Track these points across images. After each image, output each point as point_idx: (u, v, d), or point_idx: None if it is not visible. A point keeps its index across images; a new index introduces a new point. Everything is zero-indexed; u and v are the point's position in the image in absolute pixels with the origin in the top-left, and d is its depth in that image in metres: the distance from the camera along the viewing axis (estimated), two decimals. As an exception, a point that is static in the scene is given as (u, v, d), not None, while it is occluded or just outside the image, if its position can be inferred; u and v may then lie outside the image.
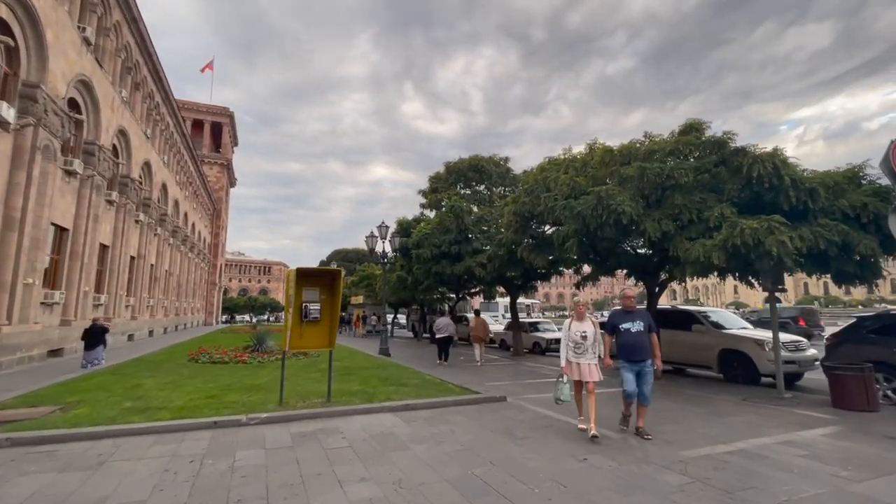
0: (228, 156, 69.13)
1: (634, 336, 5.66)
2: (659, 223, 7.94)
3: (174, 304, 39.69)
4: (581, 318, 6.02)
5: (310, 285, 7.49)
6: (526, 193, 11.23)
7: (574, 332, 5.94)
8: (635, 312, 5.84)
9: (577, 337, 5.90)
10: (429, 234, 14.71)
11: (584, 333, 5.88)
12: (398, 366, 12.41)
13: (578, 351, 5.89)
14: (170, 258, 37.21)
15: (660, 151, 8.40)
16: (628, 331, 5.70)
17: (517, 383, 10.12)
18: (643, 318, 5.79)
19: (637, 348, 5.62)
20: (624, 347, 5.74)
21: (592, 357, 5.89)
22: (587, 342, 5.88)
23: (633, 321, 5.73)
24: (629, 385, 5.67)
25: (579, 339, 5.89)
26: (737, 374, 10.40)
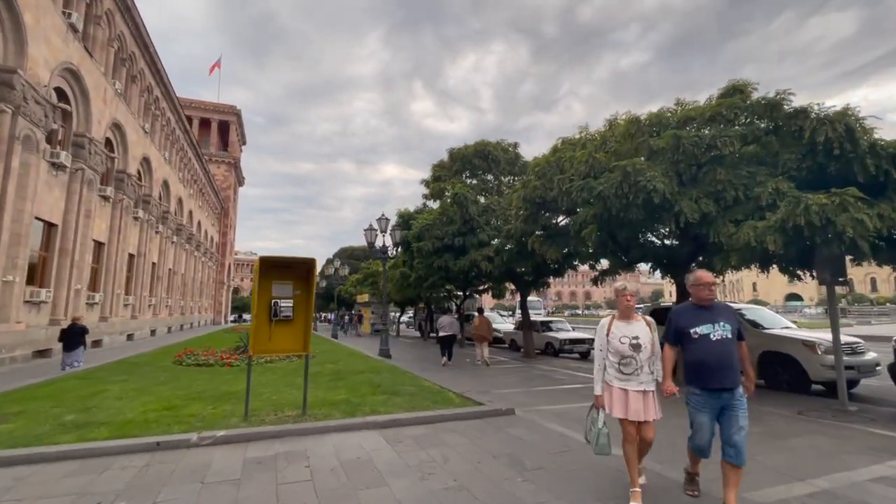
0: (236, 154, 68.81)
1: (717, 347, 3.40)
2: (697, 203, 6.64)
3: (179, 303, 39.14)
4: (628, 317, 3.78)
5: (281, 278, 6.34)
6: (537, 177, 9.97)
7: (619, 339, 3.69)
8: (715, 308, 3.56)
9: (625, 346, 3.65)
10: (430, 226, 13.50)
11: (635, 340, 3.65)
12: (396, 369, 11.24)
13: (627, 370, 3.65)
14: (174, 257, 36.62)
15: (697, 118, 7.08)
16: (706, 338, 3.43)
17: (528, 391, 8.88)
18: (728, 317, 3.53)
19: (722, 368, 3.38)
20: (698, 367, 3.47)
21: (649, 380, 3.68)
22: (641, 355, 3.64)
23: (713, 322, 3.46)
24: (703, 434, 3.51)
25: (628, 351, 3.64)
26: (781, 381, 9.03)
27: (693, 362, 3.54)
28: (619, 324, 3.79)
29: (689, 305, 3.72)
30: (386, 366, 11.97)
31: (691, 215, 6.53)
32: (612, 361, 3.76)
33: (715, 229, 6.55)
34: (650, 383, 3.71)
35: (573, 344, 16.12)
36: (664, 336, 3.74)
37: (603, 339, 3.83)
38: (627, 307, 3.77)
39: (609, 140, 8.47)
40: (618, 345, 3.70)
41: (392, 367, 11.78)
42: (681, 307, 3.81)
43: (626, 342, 3.67)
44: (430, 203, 16.69)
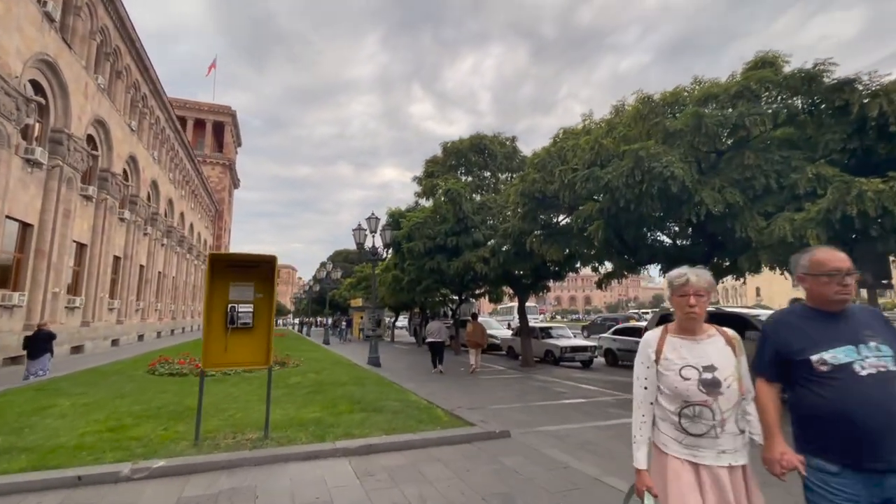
0: (231, 156, 68.02)
1: (870, 388, 1.76)
2: (720, 193, 5.79)
3: (169, 307, 38.18)
4: (693, 330, 2.07)
5: (240, 279, 5.46)
6: (536, 169, 9.13)
7: (679, 371, 1.99)
8: (854, 316, 1.93)
9: (692, 384, 1.94)
10: (421, 224, 12.61)
11: (710, 374, 1.94)
12: (382, 381, 10.33)
13: (696, 428, 1.94)
14: (164, 259, 35.70)
15: (721, 95, 6.24)
16: (847, 372, 1.80)
17: (526, 406, 7.98)
18: (884, 331, 1.90)
19: (885, 428, 1.73)
20: (832, 425, 1.81)
21: (738, 446, 1.95)
22: (722, 399, 1.92)
23: (856, 342, 1.84)
24: None
25: (697, 393, 1.93)
26: (807, 395, 8.16)
27: (819, 416, 1.85)
28: (678, 342, 2.04)
29: (802, 311, 2.03)
30: (372, 376, 11.06)
31: (714, 207, 5.69)
32: (669, 411, 2.00)
33: (741, 223, 5.70)
34: (741, 452, 1.93)
35: (574, 352, 15.22)
36: (754, 365, 2.09)
37: (648, 369, 2.08)
38: (692, 314, 1.99)
39: (616, 127, 7.64)
40: (677, 381, 1.96)
41: (379, 377, 10.87)
42: (784, 314, 2.11)
43: (694, 377, 1.93)
44: (422, 201, 15.83)
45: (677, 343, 2.06)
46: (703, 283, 2.03)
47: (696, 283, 2.03)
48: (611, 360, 16.23)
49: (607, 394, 9.28)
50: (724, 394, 1.91)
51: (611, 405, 8.06)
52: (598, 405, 8.05)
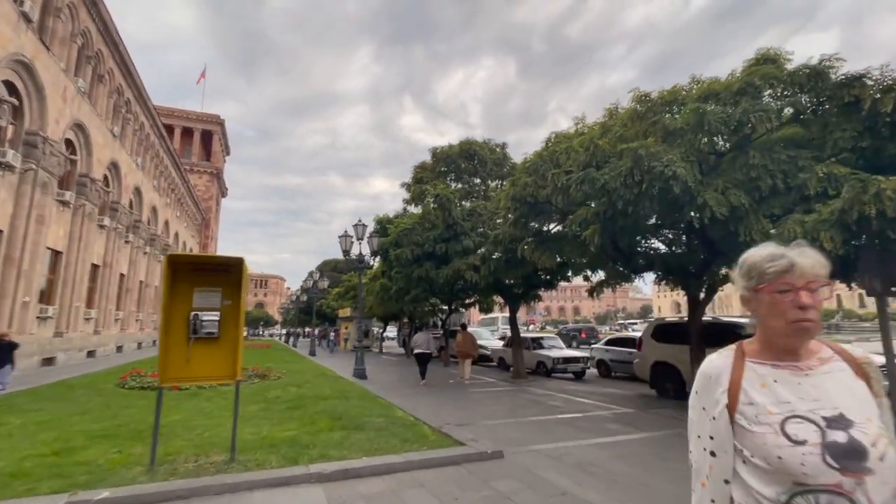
0: (219, 164, 67.27)
1: None
2: (724, 194, 5.47)
3: (151, 317, 37.05)
4: (797, 352, 1.17)
5: (206, 284, 4.96)
6: (528, 173, 8.78)
7: (784, 423, 1.08)
8: None
9: (811, 452, 1.02)
10: (409, 231, 12.16)
11: (842, 434, 1.04)
12: (367, 394, 9.78)
13: None
14: (146, 268, 34.72)
15: (723, 93, 5.94)
16: None
17: (519, 422, 7.50)
18: None
19: None
20: None
21: None
22: (878, 485, 1.00)
23: None
24: None
25: (829, 471, 1.01)
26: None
27: None
28: (770, 373, 1.17)
29: None
30: (357, 389, 10.50)
31: (719, 209, 5.35)
32: (766, 499, 1.07)
33: (746, 226, 5.37)
34: None
35: (567, 363, 14.79)
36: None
37: (714, 421, 1.20)
38: (805, 324, 1.12)
39: (612, 128, 7.33)
40: (779, 444, 1.07)
41: (363, 391, 10.32)
42: None
43: (813, 437, 1.05)
44: (411, 208, 15.40)
45: (769, 375, 1.16)
46: (819, 268, 1.16)
47: (807, 267, 1.14)
48: (604, 371, 15.84)
49: (603, 407, 8.85)
50: (876, 470, 1.01)
51: (609, 420, 7.63)
52: (595, 420, 7.61)
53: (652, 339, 11.19)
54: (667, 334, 10.84)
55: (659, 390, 10.73)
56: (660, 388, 10.71)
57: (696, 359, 8.19)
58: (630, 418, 7.80)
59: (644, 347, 11.40)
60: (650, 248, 9.75)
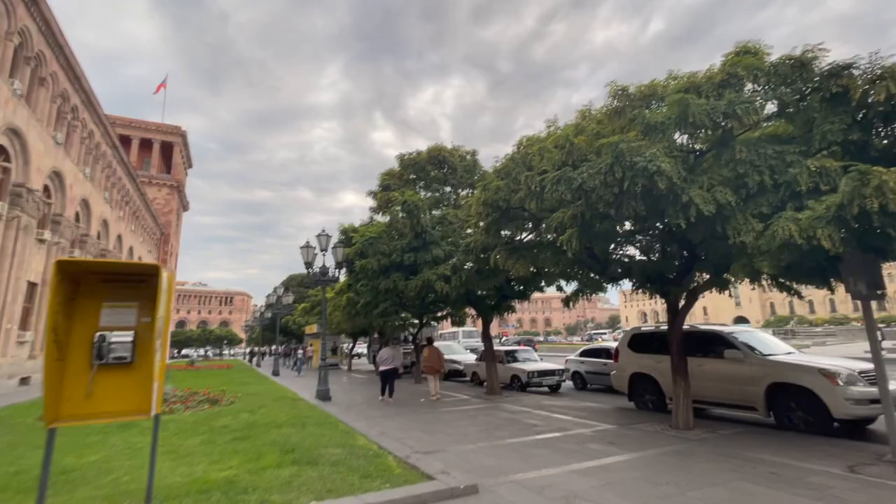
0: (180, 177, 64.49)
1: None
2: (710, 192, 5.08)
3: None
4: None
5: (118, 298, 4.10)
6: (499, 176, 8.29)
7: None
8: None
9: None
10: (375, 240, 11.41)
11: None
12: (327, 419, 8.89)
13: None
14: (94, 286, 32.32)
15: (704, 86, 5.59)
16: None
17: (494, 446, 6.83)
18: None
19: None
20: None
21: None
22: None
23: None
24: None
25: None
26: (795, 419, 7.50)
27: None
28: None
29: None
30: (317, 414, 9.58)
31: (705, 207, 4.95)
32: None
33: (734, 226, 4.99)
34: None
35: (542, 376, 14.27)
36: None
37: None
38: None
39: (586, 129, 6.92)
40: None
41: (324, 415, 9.41)
42: None
43: None
44: (378, 217, 14.66)
45: None
46: None
47: None
48: (579, 383, 15.40)
49: (583, 424, 8.30)
50: None
51: (590, 439, 7.06)
52: (577, 440, 7.03)
53: (629, 349, 10.80)
54: (644, 344, 10.46)
55: (637, 403, 10.30)
56: (638, 400, 10.29)
57: (678, 369, 7.79)
58: (612, 436, 7.27)
59: (621, 358, 10.98)
60: (626, 256, 9.41)
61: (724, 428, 7.68)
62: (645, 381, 10.14)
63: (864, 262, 5.67)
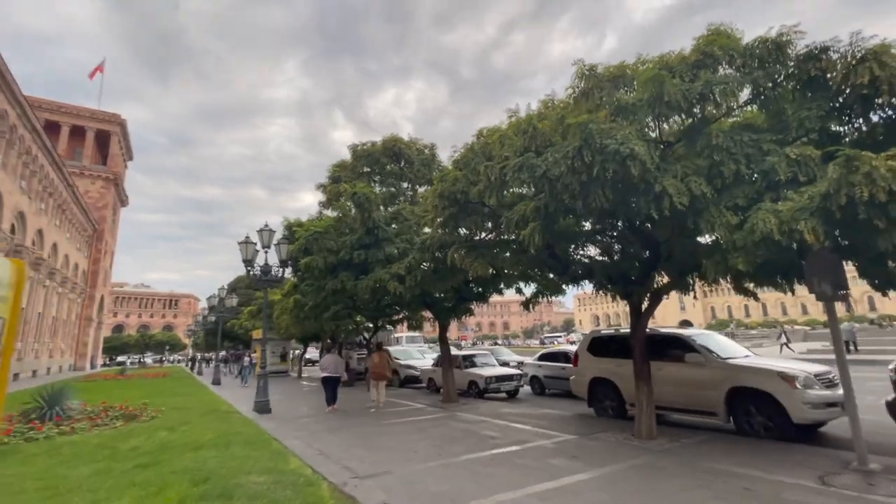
0: (117, 169, 59.75)
1: None
2: (684, 182, 4.65)
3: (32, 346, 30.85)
4: None
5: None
6: (458, 167, 7.65)
7: None
8: None
9: None
10: (320, 235, 10.40)
11: None
12: (259, 437, 7.86)
13: None
14: (7, 287, 28.87)
15: (679, 66, 5.17)
16: None
17: (447, 465, 6.11)
18: None
19: None
20: None
21: None
22: None
23: None
24: None
25: None
26: (755, 425, 7.30)
27: None
28: None
29: None
30: (249, 430, 8.50)
31: (679, 198, 4.51)
32: None
33: (708, 220, 4.58)
34: None
35: (500, 381, 13.76)
36: None
37: None
38: None
39: (550, 115, 6.40)
40: None
41: (257, 431, 8.35)
42: None
43: None
44: (327, 212, 13.59)
45: None
46: None
47: None
48: (537, 388, 15.04)
49: (543, 435, 7.76)
50: None
51: (551, 453, 6.50)
52: (537, 454, 6.45)
53: (589, 353, 10.43)
54: (604, 348, 10.12)
55: (597, 409, 9.93)
56: (598, 406, 9.92)
57: (640, 374, 7.42)
58: (574, 448, 6.75)
59: (580, 362, 10.60)
60: (586, 256, 9.02)
61: (687, 436, 7.36)
62: (605, 387, 9.78)
63: (828, 262, 5.45)
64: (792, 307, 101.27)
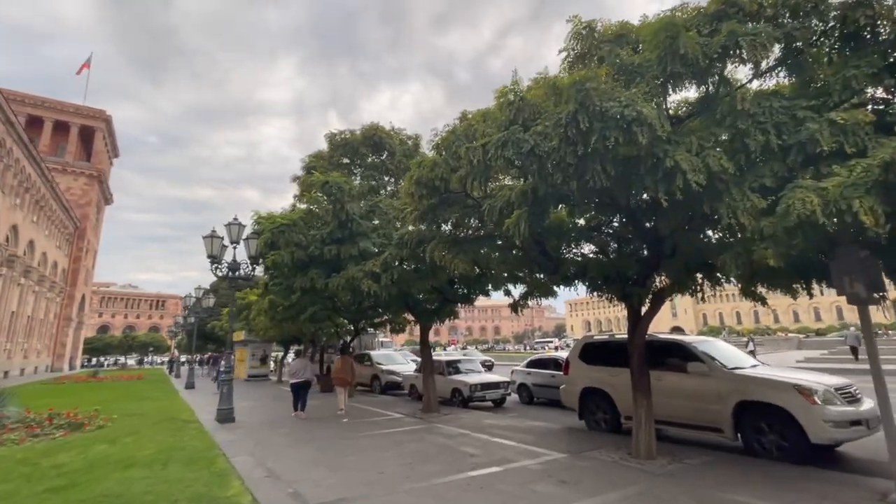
0: (102, 166, 58.23)
1: None
2: (700, 157, 3.85)
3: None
4: None
5: None
6: (438, 150, 6.83)
7: None
8: None
9: None
10: (287, 227, 9.44)
11: None
12: (206, 453, 6.91)
13: None
14: (-25, 284, 27.69)
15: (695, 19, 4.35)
16: None
17: (414, 490, 5.24)
18: None
19: None
20: None
21: None
22: None
23: None
24: None
25: None
26: (767, 444, 6.49)
27: None
28: None
29: None
30: (199, 444, 7.54)
31: (694, 176, 3.70)
32: None
33: (730, 205, 3.78)
34: None
35: (486, 389, 12.89)
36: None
37: None
38: None
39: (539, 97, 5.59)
40: None
41: (207, 446, 7.40)
42: None
43: None
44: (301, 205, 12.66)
45: None
46: None
47: None
48: (525, 397, 14.18)
49: (529, 453, 6.91)
50: None
51: (536, 477, 5.65)
52: (520, 478, 5.60)
53: (580, 360, 9.59)
54: (598, 355, 9.30)
55: (589, 422, 9.09)
56: (590, 419, 9.08)
57: (639, 385, 6.60)
58: (563, 470, 5.91)
59: (571, 371, 9.76)
60: (580, 254, 8.21)
61: (690, 455, 6.54)
62: (598, 397, 8.96)
63: (861, 259, 4.69)
64: (805, 313, 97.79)
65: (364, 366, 18.52)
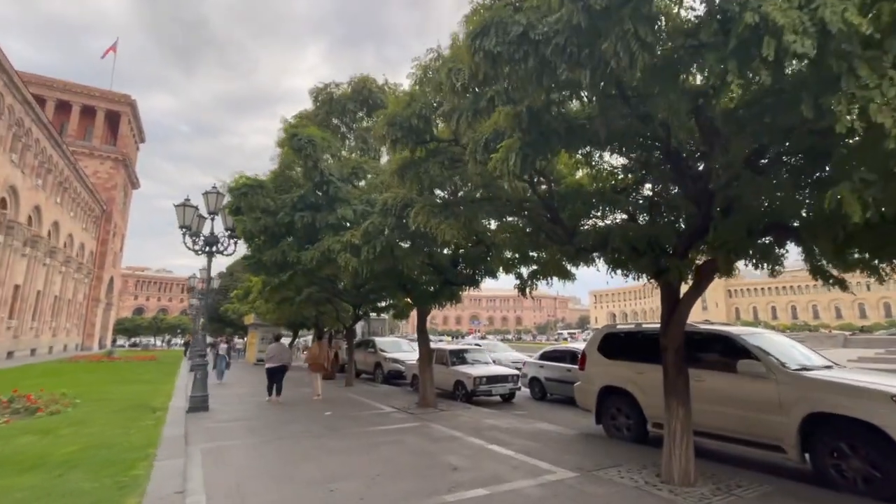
0: (127, 150, 59.03)
1: None
2: (807, 9, 2.29)
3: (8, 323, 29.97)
4: None
5: None
6: (418, 83, 5.37)
7: None
8: None
9: None
10: (252, 189, 7.99)
11: None
12: (136, 453, 5.76)
13: None
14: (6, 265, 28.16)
15: None
16: None
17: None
18: None
19: None
20: None
21: None
22: None
23: None
24: None
25: None
26: (849, 473, 4.84)
27: None
28: None
29: None
30: (137, 441, 6.37)
31: (796, 40, 2.09)
32: None
33: (853, 97, 2.18)
34: None
35: (491, 383, 11.45)
36: None
37: None
38: None
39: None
40: None
41: (145, 443, 6.22)
42: None
43: None
44: (286, 173, 11.39)
45: None
46: None
47: None
48: (538, 392, 12.70)
49: (528, 468, 5.47)
50: None
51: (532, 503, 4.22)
52: (509, 508, 4.18)
53: (600, 353, 8.01)
54: (621, 348, 7.71)
55: (608, 428, 7.55)
56: (609, 424, 7.54)
57: (674, 388, 5.04)
58: (568, 500, 4.45)
59: (588, 366, 8.18)
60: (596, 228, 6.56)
61: (740, 481, 4.96)
62: (619, 399, 7.40)
63: None
64: (848, 309, 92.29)
65: (367, 353, 17.39)
